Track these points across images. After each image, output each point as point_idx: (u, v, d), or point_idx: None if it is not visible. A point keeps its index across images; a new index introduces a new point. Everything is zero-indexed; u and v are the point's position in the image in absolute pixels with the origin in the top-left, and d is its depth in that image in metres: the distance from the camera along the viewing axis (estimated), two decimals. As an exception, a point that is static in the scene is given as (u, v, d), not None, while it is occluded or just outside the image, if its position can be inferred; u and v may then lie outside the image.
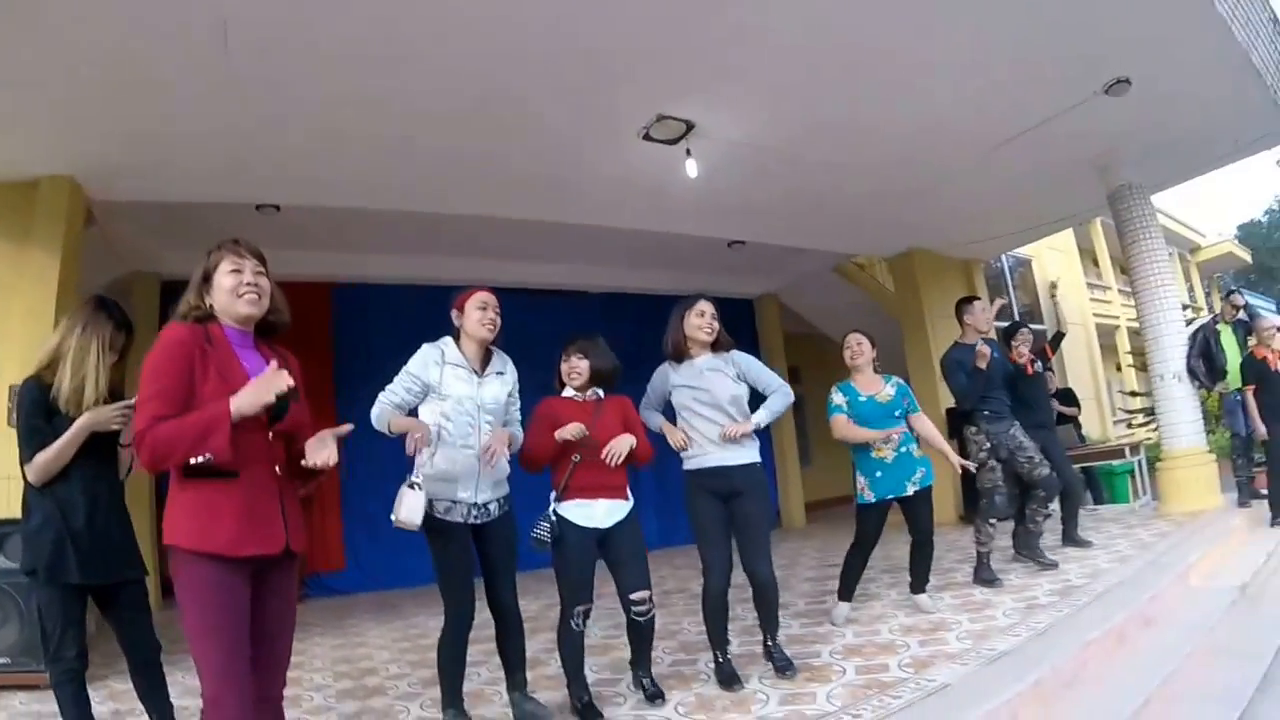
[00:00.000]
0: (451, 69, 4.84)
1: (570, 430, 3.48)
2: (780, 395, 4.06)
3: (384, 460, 4.89)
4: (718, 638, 3.85)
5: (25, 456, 2.93)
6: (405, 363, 3.45)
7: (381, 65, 4.69)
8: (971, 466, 5.25)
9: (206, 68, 4.37)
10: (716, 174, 6.60)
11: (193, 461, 2.02)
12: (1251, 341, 7.79)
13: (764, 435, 4.57)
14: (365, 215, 6.95)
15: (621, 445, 3.57)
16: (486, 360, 3.52)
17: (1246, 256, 31.83)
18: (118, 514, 3.12)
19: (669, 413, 4.13)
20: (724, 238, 9.26)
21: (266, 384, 2.12)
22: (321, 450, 2.21)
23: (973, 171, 7.81)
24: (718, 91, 5.66)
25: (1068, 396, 10.04)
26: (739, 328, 12.50)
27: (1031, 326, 7.99)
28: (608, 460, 3.54)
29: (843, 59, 5.43)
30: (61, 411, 2.94)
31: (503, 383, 3.51)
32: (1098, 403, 14.86)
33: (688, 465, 3.98)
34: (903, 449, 4.75)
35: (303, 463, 2.21)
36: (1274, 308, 31.70)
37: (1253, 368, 7.43)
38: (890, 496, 4.74)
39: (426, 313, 9.16)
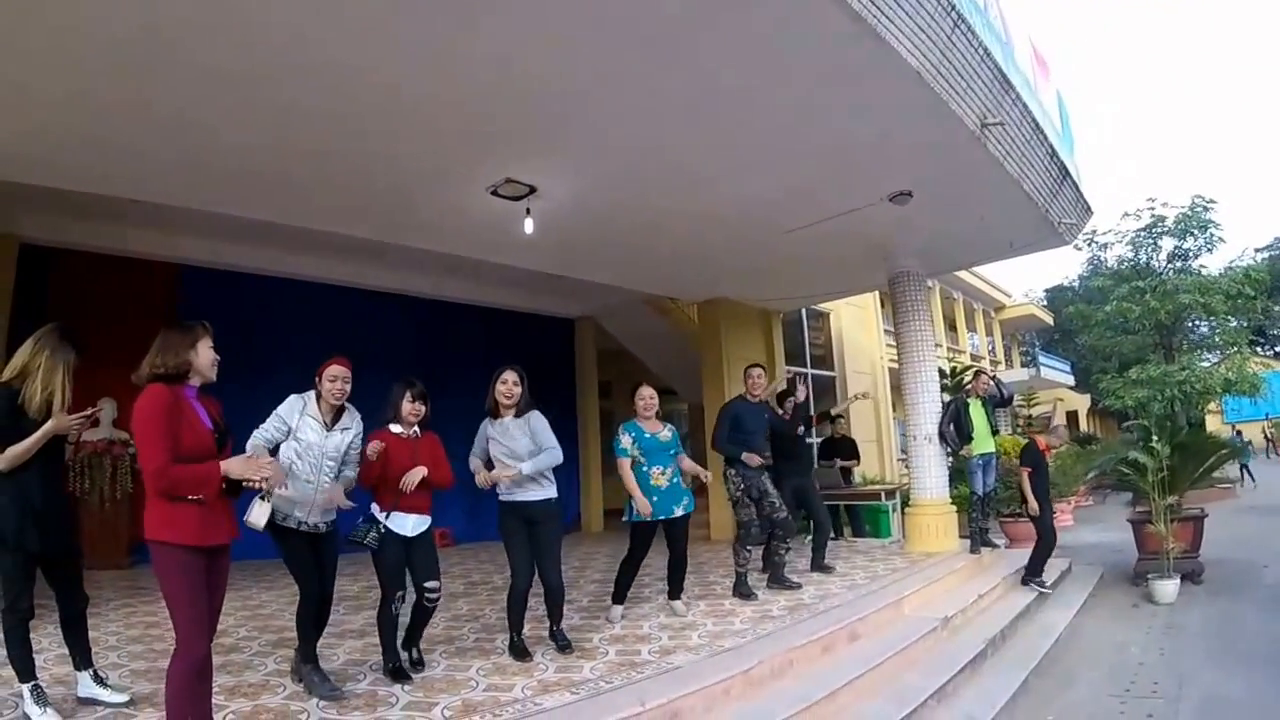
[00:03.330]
0: (333, 112, 5.69)
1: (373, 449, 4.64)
2: (548, 454, 5.32)
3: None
4: (516, 623, 5.24)
5: None
6: (249, 350, 4.52)
7: (273, 105, 5.53)
8: (705, 476, 6.64)
9: (121, 96, 5.16)
10: (551, 225, 7.80)
11: (190, 498, 3.16)
12: (1043, 437, 9.48)
13: (571, 449, 5.90)
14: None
15: (413, 478, 4.70)
16: (338, 416, 4.62)
17: (1048, 318, 36.07)
18: (63, 497, 4.18)
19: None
20: (552, 272, 10.57)
21: (254, 469, 3.31)
22: (249, 469, 3.34)
23: (773, 246, 9.45)
24: (557, 167, 6.91)
25: (850, 448, 11.98)
26: (559, 345, 14.39)
27: (821, 374, 9.49)
28: (402, 489, 4.68)
29: (660, 154, 6.77)
30: (30, 416, 3.85)
31: (346, 435, 4.59)
32: (879, 444, 16.96)
33: (502, 498, 5.32)
34: (675, 480, 6.25)
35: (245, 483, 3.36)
36: (1068, 368, 35.80)
37: (1031, 454, 9.05)
38: (661, 517, 6.17)
39: (273, 302, 10.06)
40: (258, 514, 3.96)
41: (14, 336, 7.22)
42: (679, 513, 6.25)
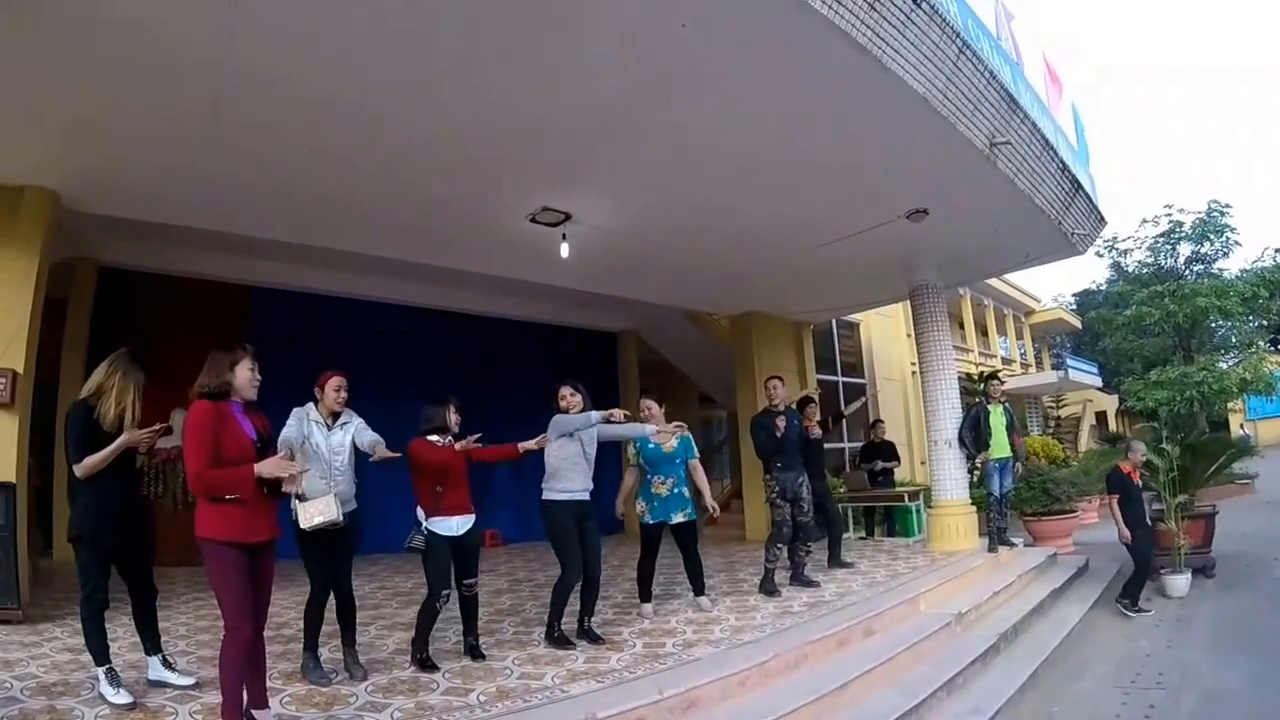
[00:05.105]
0: (394, 145, 5.99)
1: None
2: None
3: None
4: (560, 614, 5.44)
5: (75, 459, 4.08)
6: (312, 366, 4.94)
7: (341, 145, 5.86)
8: (715, 510, 6.82)
9: (195, 127, 5.41)
10: (588, 248, 8.09)
11: (227, 497, 3.46)
12: (1125, 461, 9.08)
13: (615, 457, 6.08)
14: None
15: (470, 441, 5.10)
16: (336, 417, 4.92)
17: (1076, 322, 35.53)
18: (136, 500, 4.48)
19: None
20: (593, 290, 10.82)
21: (280, 469, 3.58)
22: (279, 468, 3.63)
23: (800, 263, 9.60)
24: (592, 196, 7.17)
25: (889, 451, 12.04)
26: (603, 357, 14.57)
27: (852, 381, 9.49)
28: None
29: (686, 184, 6.98)
30: (105, 430, 4.12)
31: (346, 430, 4.90)
32: (909, 448, 16.80)
33: (558, 496, 5.53)
34: (675, 490, 6.42)
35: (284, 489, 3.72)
36: (1095, 370, 35.35)
37: (1118, 481, 8.78)
38: (661, 521, 6.39)
39: (335, 320, 10.37)
40: (313, 511, 4.29)
41: (92, 355, 7.57)
42: (678, 519, 6.42)
